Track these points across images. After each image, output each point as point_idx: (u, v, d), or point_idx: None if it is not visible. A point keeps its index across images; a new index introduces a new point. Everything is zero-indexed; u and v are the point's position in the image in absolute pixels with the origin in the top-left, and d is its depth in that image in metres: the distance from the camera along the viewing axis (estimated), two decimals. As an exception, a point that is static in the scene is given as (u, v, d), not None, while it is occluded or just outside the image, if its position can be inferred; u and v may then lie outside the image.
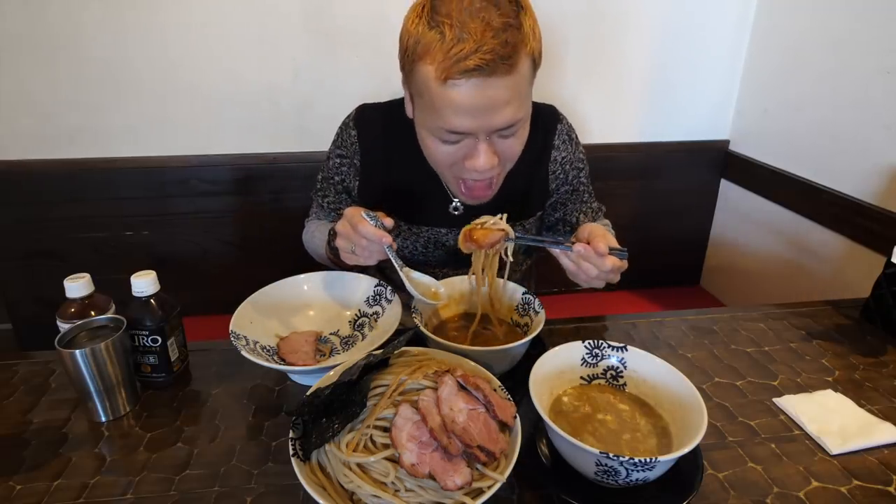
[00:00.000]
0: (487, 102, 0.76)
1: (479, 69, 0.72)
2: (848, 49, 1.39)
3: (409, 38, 0.78)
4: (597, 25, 1.61)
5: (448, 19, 0.73)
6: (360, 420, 0.61)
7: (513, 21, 0.74)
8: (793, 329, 1.00)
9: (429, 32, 0.75)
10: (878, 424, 0.77)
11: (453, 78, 0.74)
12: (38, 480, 0.67)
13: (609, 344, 0.75)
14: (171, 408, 0.80)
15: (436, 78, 0.75)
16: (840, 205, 1.42)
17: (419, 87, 0.80)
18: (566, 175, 1.07)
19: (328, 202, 1.09)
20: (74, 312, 0.79)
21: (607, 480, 0.60)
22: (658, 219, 1.88)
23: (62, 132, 1.50)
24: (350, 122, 1.04)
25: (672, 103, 1.76)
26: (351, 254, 0.85)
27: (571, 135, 1.07)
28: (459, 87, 0.75)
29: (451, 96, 0.76)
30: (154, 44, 1.45)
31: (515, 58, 0.74)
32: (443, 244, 1.06)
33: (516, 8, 0.76)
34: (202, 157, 1.57)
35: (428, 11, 0.76)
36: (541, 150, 1.03)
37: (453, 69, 0.73)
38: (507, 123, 0.80)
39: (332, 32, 1.50)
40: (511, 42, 0.73)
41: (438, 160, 0.88)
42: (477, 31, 0.72)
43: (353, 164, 1.04)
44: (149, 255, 1.63)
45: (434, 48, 0.74)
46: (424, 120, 0.83)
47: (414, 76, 0.80)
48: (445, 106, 0.77)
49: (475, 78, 0.74)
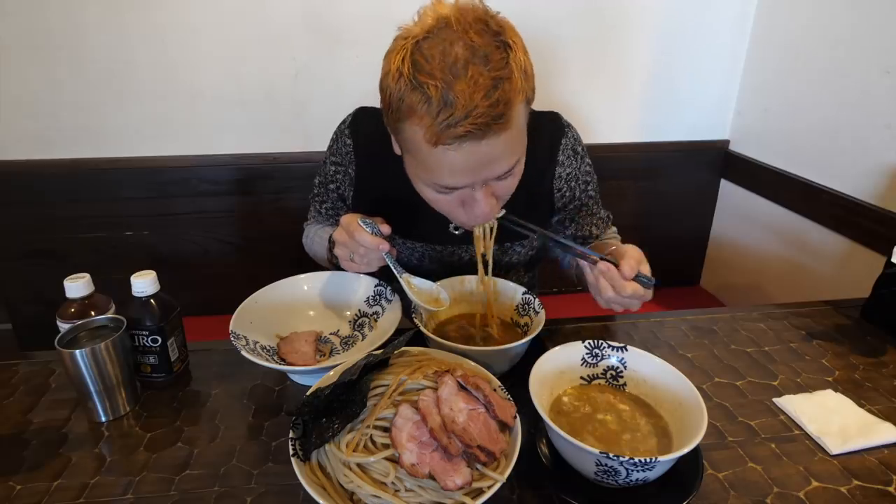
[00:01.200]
0: (482, 160, 0.72)
1: (471, 134, 0.67)
2: (848, 49, 1.39)
3: (392, 94, 0.70)
4: (597, 25, 1.61)
5: (432, 79, 0.66)
6: (360, 420, 0.61)
7: (503, 72, 0.67)
8: (793, 329, 1.00)
9: (412, 93, 0.68)
10: (878, 424, 0.77)
11: (444, 143, 0.68)
12: (38, 480, 0.67)
13: (609, 344, 0.75)
14: (171, 408, 0.80)
15: (425, 141, 0.69)
16: (840, 205, 1.42)
17: (408, 144, 0.75)
18: (573, 192, 1.02)
19: (326, 208, 1.08)
20: (74, 312, 0.79)
21: (607, 480, 0.60)
22: (658, 219, 1.88)
23: (62, 132, 1.50)
24: (345, 129, 1.00)
25: (672, 103, 1.76)
26: (350, 262, 0.85)
27: (577, 148, 1.01)
28: (452, 152, 0.70)
29: (443, 159, 0.71)
30: (154, 44, 1.45)
31: (508, 113, 0.69)
32: (438, 259, 1.04)
33: (504, 54, 0.68)
34: (202, 157, 1.57)
35: (409, 68, 0.68)
36: (545, 165, 0.98)
37: (443, 135, 0.67)
38: (503, 172, 0.76)
39: (332, 32, 1.50)
40: (503, 100, 0.67)
41: (435, 206, 0.84)
42: (465, 94, 0.65)
43: (348, 173, 1.01)
44: (149, 255, 1.63)
45: (420, 111, 0.68)
46: (417, 172, 0.79)
47: (401, 134, 0.74)
48: (438, 167, 0.73)
49: (468, 140, 0.68)
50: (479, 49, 0.67)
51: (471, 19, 0.69)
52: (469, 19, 0.69)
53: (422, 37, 0.69)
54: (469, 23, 0.69)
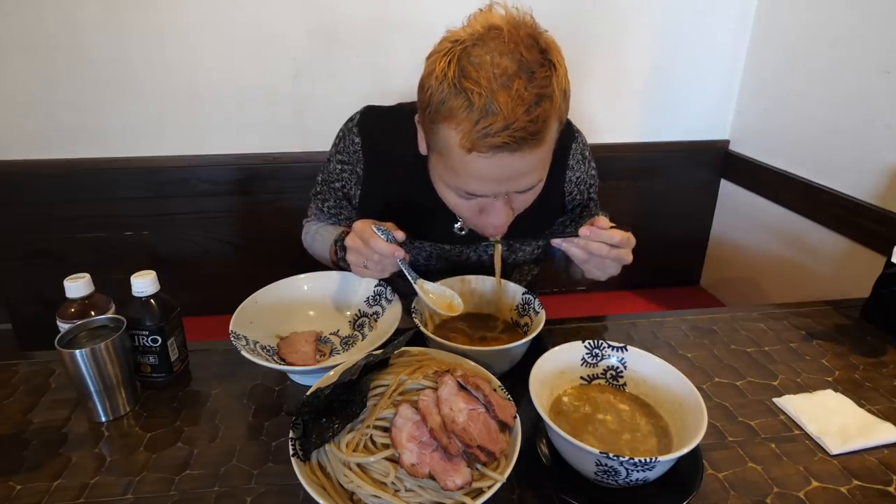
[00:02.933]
0: (511, 173, 0.74)
1: (507, 146, 0.69)
2: (848, 48, 1.39)
3: (433, 94, 0.72)
4: (597, 25, 1.61)
5: (477, 87, 0.67)
6: (360, 420, 0.61)
7: (545, 90, 0.69)
8: (793, 329, 1.00)
9: (455, 96, 0.69)
10: (878, 424, 0.77)
11: (479, 150, 0.70)
12: (38, 480, 0.67)
13: (609, 344, 0.75)
14: (171, 408, 0.80)
15: (459, 146, 0.71)
16: (840, 205, 1.42)
17: (440, 145, 0.75)
18: (581, 195, 1.04)
19: (328, 206, 1.08)
20: (74, 312, 0.79)
21: (607, 480, 0.60)
22: (658, 219, 1.88)
23: (62, 132, 1.50)
24: (354, 126, 0.99)
25: (672, 103, 1.76)
26: (363, 268, 0.85)
27: (585, 153, 1.03)
28: (484, 160, 0.71)
29: (473, 166, 0.73)
30: (154, 44, 1.45)
31: (545, 131, 0.71)
32: (446, 259, 1.04)
33: (549, 72, 0.70)
34: (202, 157, 1.57)
35: (455, 72, 0.69)
36: (557, 169, 0.99)
37: (479, 143, 0.69)
38: (527, 188, 0.78)
39: (332, 32, 1.50)
40: (542, 117, 0.69)
41: (452, 208, 0.86)
42: (507, 106, 0.67)
43: (356, 171, 1.00)
44: (149, 255, 1.63)
45: (460, 116, 0.69)
46: (442, 174, 0.80)
47: (435, 134, 0.75)
48: (467, 173, 0.74)
49: (502, 152, 0.70)
50: (527, 64, 0.69)
51: (523, 34, 0.70)
52: (521, 34, 0.70)
53: (471, 43, 0.70)
54: (521, 37, 0.70)
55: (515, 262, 1.08)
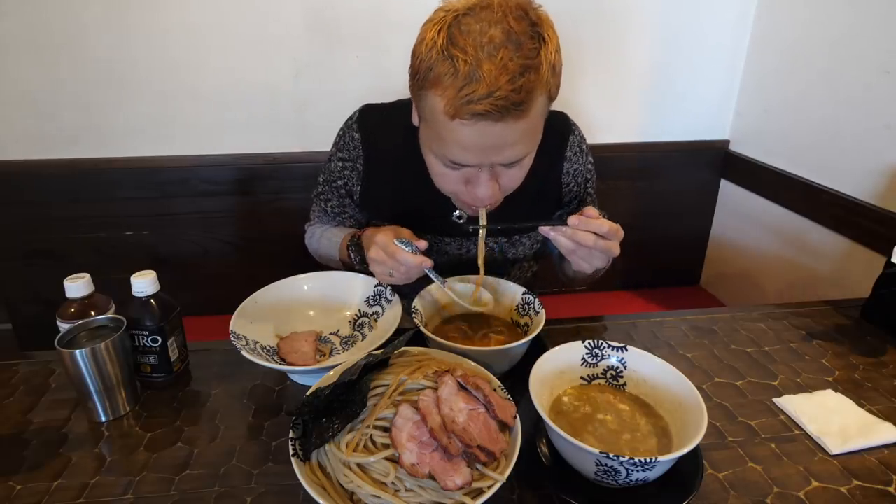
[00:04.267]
0: (494, 143, 0.74)
1: (489, 114, 0.69)
2: (848, 49, 1.39)
3: (422, 61, 0.73)
4: (597, 25, 1.61)
5: (463, 54, 0.68)
6: (360, 420, 0.61)
7: (532, 62, 0.69)
8: (793, 329, 1.00)
9: (442, 63, 0.70)
10: (878, 424, 0.77)
11: (461, 118, 0.71)
12: (38, 480, 0.67)
13: (609, 344, 0.75)
14: (171, 408, 0.80)
15: (444, 112, 0.72)
16: (840, 205, 1.42)
17: (426, 112, 0.77)
18: (578, 187, 1.05)
19: (331, 206, 1.08)
20: (74, 312, 0.79)
21: (607, 480, 0.60)
22: (658, 219, 1.88)
23: (62, 132, 1.50)
24: (353, 124, 1.01)
25: (672, 103, 1.76)
26: (388, 277, 0.86)
27: (583, 146, 1.04)
28: (467, 128, 0.72)
29: (457, 133, 0.73)
30: (155, 44, 1.45)
31: (529, 103, 0.71)
32: (445, 252, 1.05)
33: (538, 45, 0.71)
34: (202, 157, 1.57)
35: (444, 38, 0.70)
36: (553, 160, 1.01)
37: (462, 110, 0.70)
38: (511, 160, 0.78)
39: (332, 32, 1.50)
40: (527, 88, 0.69)
41: (440, 181, 0.87)
42: (491, 74, 0.67)
43: (356, 167, 1.02)
44: (149, 255, 1.63)
45: (445, 82, 0.70)
46: (430, 142, 0.82)
47: (423, 101, 0.77)
48: (451, 140, 0.75)
49: (485, 120, 0.70)
50: (515, 35, 0.70)
51: (513, 5, 0.72)
52: (511, 4, 0.72)
53: (462, 12, 0.72)
54: (510, 8, 0.71)
55: (514, 258, 1.09)
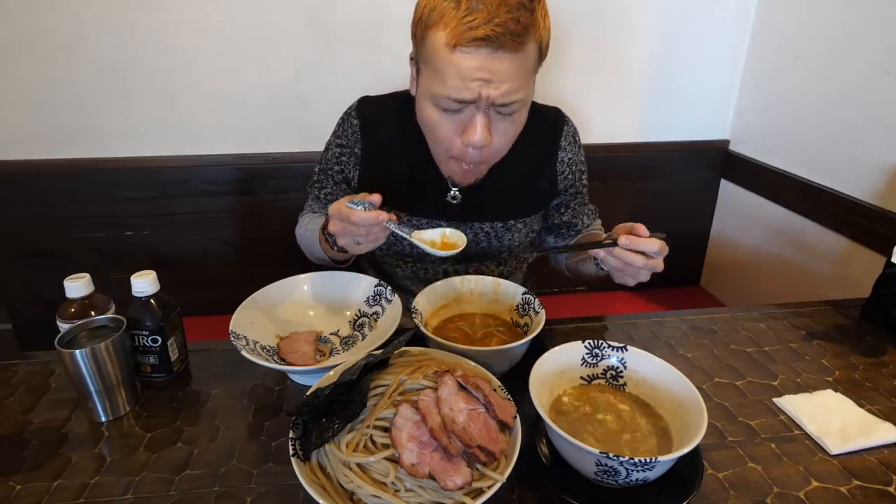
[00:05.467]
0: (492, 74, 0.78)
1: (489, 40, 0.75)
2: (848, 48, 1.39)
3: (425, 7, 0.80)
4: (597, 25, 1.61)
5: None
6: (360, 420, 0.61)
7: (528, 4, 0.77)
8: (793, 329, 1.00)
9: (444, 1, 0.78)
10: (878, 424, 0.77)
11: (462, 45, 0.76)
12: (38, 480, 0.67)
13: (609, 344, 0.75)
14: (171, 408, 0.80)
15: (445, 44, 0.78)
16: (840, 205, 1.42)
17: (428, 53, 0.82)
18: (573, 176, 1.09)
19: (325, 193, 1.09)
20: (74, 312, 0.79)
21: (607, 480, 0.60)
22: (658, 219, 1.87)
23: (62, 132, 1.50)
24: (352, 111, 1.05)
25: (672, 103, 1.76)
26: (357, 245, 0.84)
27: (576, 137, 1.09)
28: (467, 55, 0.77)
29: (457, 62, 0.78)
30: (155, 44, 1.45)
31: (525, 37, 0.77)
32: None
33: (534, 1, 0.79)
34: (202, 157, 1.57)
35: None
36: (547, 149, 1.05)
37: (464, 36, 0.76)
38: (507, 98, 0.81)
39: (332, 32, 1.50)
40: (523, 22, 0.76)
41: (436, 132, 0.88)
42: (492, 4, 0.75)
43: (354, 153, 1.05)
44: (149, 255, 1.63)
45: (448, 15, 0.77)
46: (429, 87, 0.84)
47: (424, 43, 0.82)
48: (451, 72, 0.79)
49: (484, 48, 0.76)
50: None
51: None
52: None
53: None
54: None
55: (511, 246, 1.09)
